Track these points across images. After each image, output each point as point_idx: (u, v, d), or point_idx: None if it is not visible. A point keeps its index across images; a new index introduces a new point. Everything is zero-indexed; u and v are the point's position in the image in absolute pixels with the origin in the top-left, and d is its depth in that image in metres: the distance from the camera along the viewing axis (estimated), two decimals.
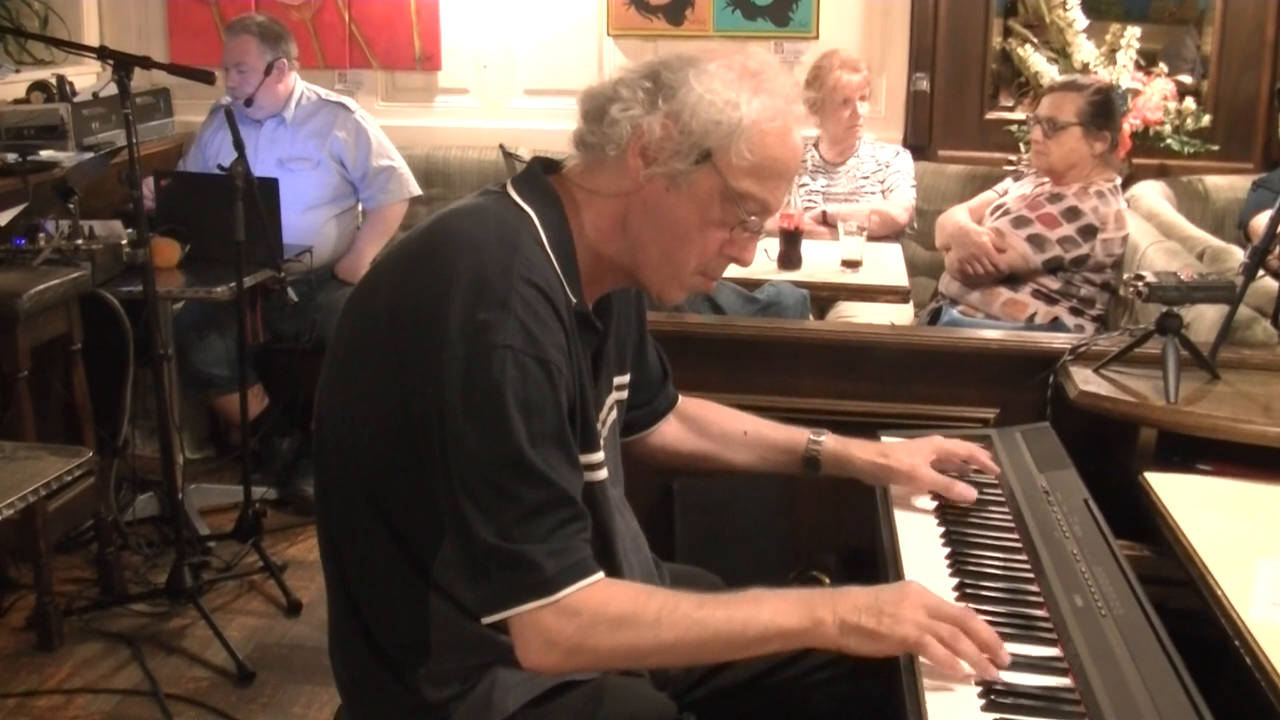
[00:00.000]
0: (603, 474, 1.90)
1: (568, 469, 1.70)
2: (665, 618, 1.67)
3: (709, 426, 2.30)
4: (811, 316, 4.15)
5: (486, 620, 1.67)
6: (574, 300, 1.79)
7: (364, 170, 4.80)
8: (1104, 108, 4.24)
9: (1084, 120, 4.18)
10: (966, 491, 2.16)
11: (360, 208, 4.96)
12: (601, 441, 1.91)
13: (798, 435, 2.27)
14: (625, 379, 2.06)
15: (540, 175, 1.89)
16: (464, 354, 1.64)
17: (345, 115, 4.81)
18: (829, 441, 2.26)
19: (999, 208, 4.43)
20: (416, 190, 4.98)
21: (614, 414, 2.01)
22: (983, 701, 1.58)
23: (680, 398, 2.30)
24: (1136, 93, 5.22)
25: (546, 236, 1.78)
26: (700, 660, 1.88)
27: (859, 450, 2.25)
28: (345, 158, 4.77)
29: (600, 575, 1.68)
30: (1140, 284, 2.69)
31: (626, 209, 1.83)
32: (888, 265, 4.46)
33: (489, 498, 1.63)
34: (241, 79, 4.61)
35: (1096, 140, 4.20)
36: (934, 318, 4.41)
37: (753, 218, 1.82)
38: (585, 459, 1.82)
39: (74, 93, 5.14)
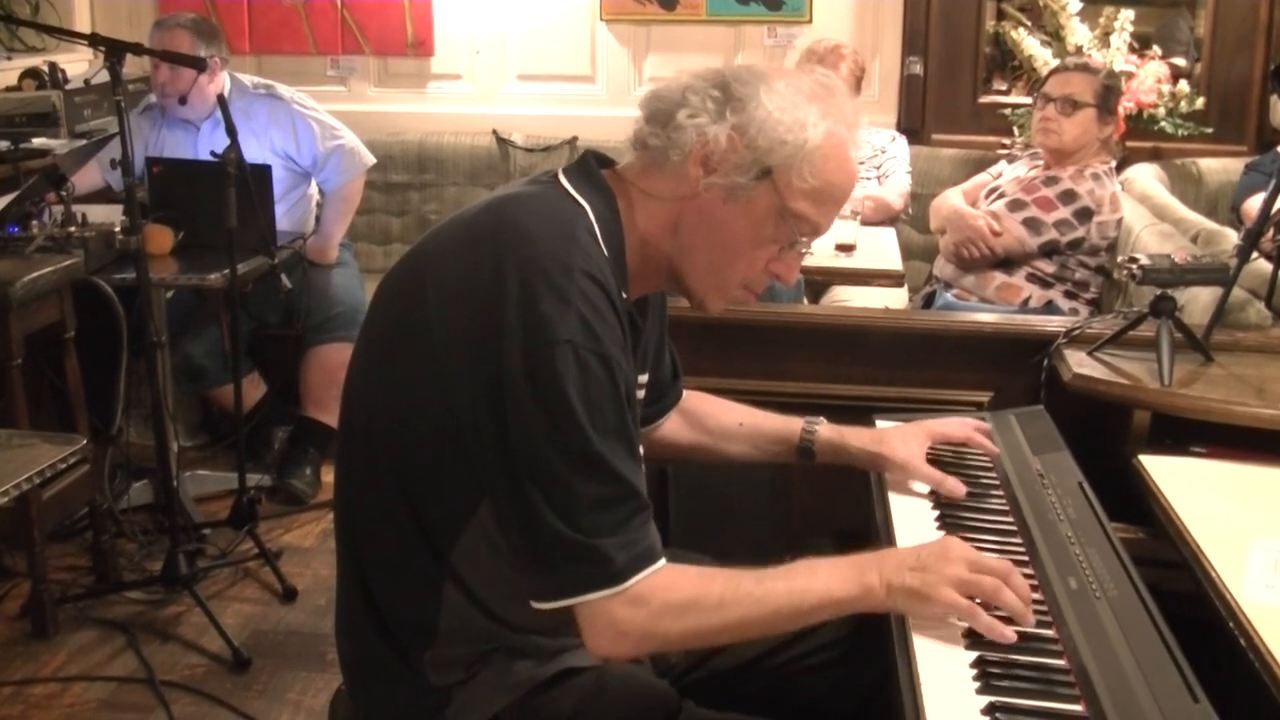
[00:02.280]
0: (641, 468, 1.90)
1: (630, 460, 1.70)
2: (728, 598, 1.69)
3: (705, 419, 2.30)
4: (806, 301, 4.15)
5: (546, 606, 1.68)
6: (624, 296, 1.78)
7: (314, 157, 4.70)
8: (1114, 92, 4.25)
9: (1099, 102, 4.19)
10: (956, 487, 2.16)
11: (316, 188, 4.89)
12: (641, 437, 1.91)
13: (792, 425, 2.27)
14: (645, 379, 2.07)
15: (594, 168, 1.88)
16: (524, 347, 1.63)
17: (279, 108, 4.67)
18: (824, 430, 2.26)
19: (994, 190, 4.43)
20: (371, 160, 4.86)
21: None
22: (978, 684, 1.59)
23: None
24: (1130, 75, 5.21)
25: (599, 230, 1.77)
26: (763, 634, 1.88)
27: (854, 438, 2.25)
28: (289, 152, 4.67)
29: (664, 561, 1.69)
30: (1134, 266, 2.69)
31: (680, 214, 1.83)
32: (882, 249, 4.46)
33: (558, 489, 1.63)
34: (174, 75, 4.43)
35: (1105, 125, 4.22)
36: (928, 302, 4.42)
37: (803, 239, 1.83)
38: None
39: (66, 80, 5.12)
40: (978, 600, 1.69)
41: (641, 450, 1.89)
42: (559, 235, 1.72)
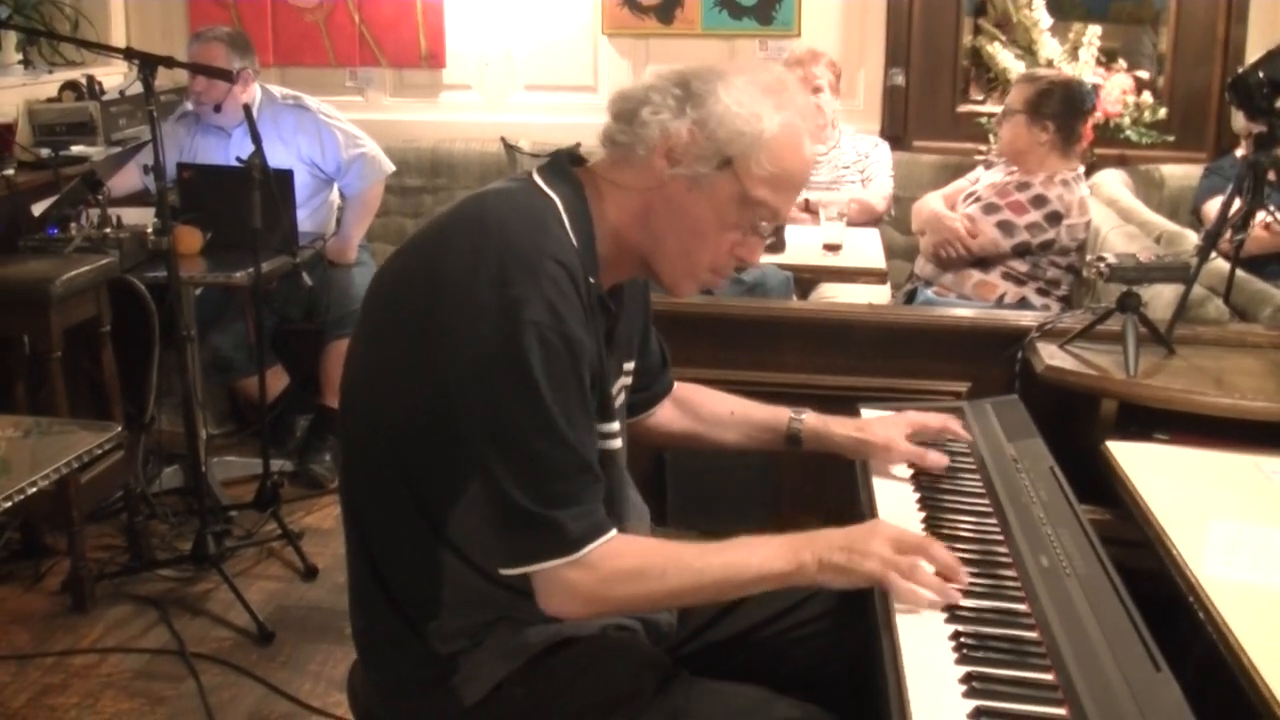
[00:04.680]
0: (617, 443, 1.92)
1: (589, 436, 1.73)
2: (671, 569, 1.74)
3: (698, 408, 2.30)
4: (795, 297, 4.15)
5: (507, 572, 1.71)
6: (591, 281, 1.79)
7: (337, 164, 4.71)
8: (1053, 99, 4.20)
9: (1027, 109, 4.19)
10: (938, 459, 2.16)
11: (337, 192, 4.89)
12: (616, 414, 1.92)
13: (780, 414, 2.27)
14: (632, 365, 2.07)
15: (566, 165, 1.90)
16: (494, 328, 1.65)
17: (305, 117, 4.68)
18: (810, 419, 2.25)
19: (971, 194, 4.43)
20: (390, 168, 4.88)
21: (622, 397, 2.01)
22: (955, 655, 1.59)
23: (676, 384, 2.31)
24: (1098, 87, 5.21)
25: (569, 220, 1.79)
26: (703, 602, 1.96)
27: (838, 426, 2.25)
28: (314, 158, 4.68)
29: (614, 532, 1.73)
30: (1102, 265, 2.69)
31: (648, 204, 1.83)
32: (866, 249, 4.47)
33: (520, 463, 1.66)
34: (209, 85, 4.44)
35: (1039, 129, 4.18)
36: (910, 298, 4.42)
37: (764, 223, 1.84)
38: (602, 428, 1.85)
39: (102, 91, 5.12)
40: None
41: (616, 426, 1.91)
42: (530, 224, 1.74)
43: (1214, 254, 2.94)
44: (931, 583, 1.71)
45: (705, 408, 2.30)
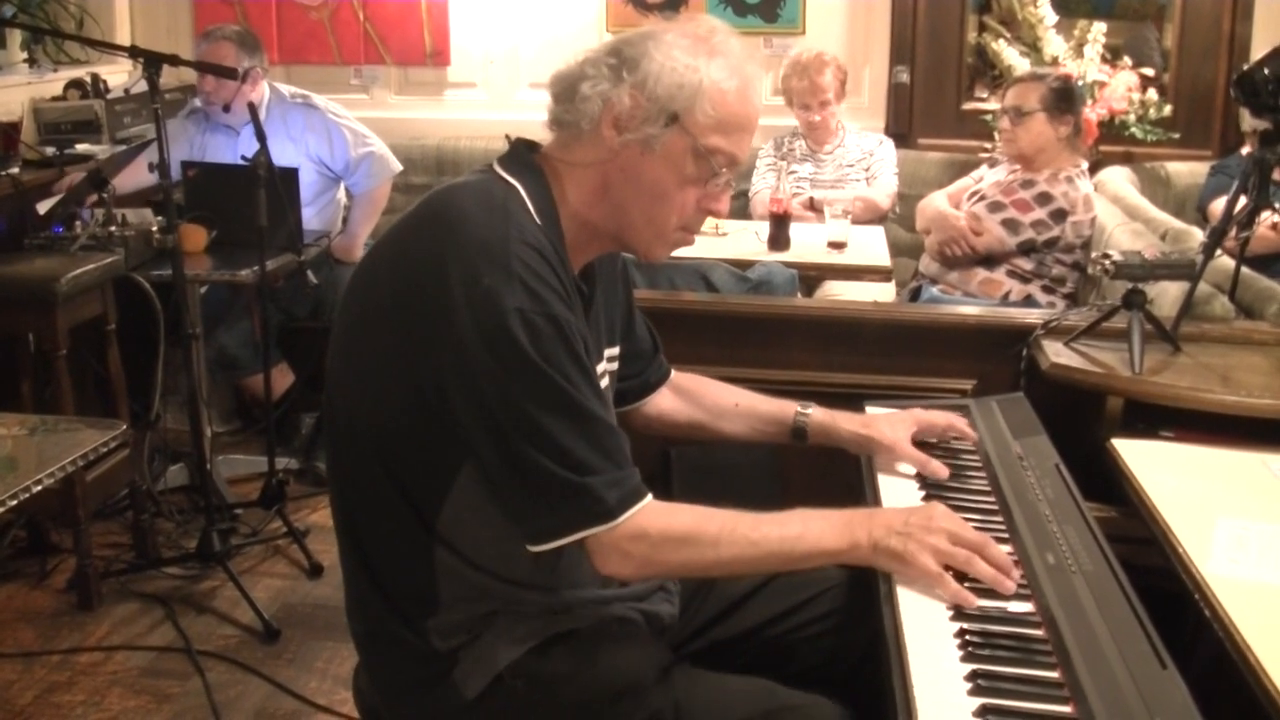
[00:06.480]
0: (611, 409, 1.91)
1: (598, 400, 1.74)
2: (724, 538, 1.76)
3: (701, 398, 2.30)
4: (800, 294, 4.15)
5: (542, 548, 1.71)
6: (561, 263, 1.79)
7: (345, 162, 4.72)
8: (1065, 94, 4.23)
9: (1047, 106, 4.18)
10: (939, 469, 2.15)
11: (344, 191, 4.90)
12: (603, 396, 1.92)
13: (786, 408, 2.27)
14: (615, 351, 2.07)
15: (524, 152, 1.91)
16: (476, 320, 1.65)
17: (314, 115, 4.69)
18: (815, 413, 2.25)
19: (976, 193, 4.43)
20: (398, 167, 4.89)
21: (606, 382, 2.00)
22: (961, 653, 1.59)
23: (674, 372, 2.30)
24: (1102, 84, 5.22)
25: (532, 205, 1.79)
26: (754, 573, 2.02)
27: (844, 422, 2.25)
28: (323, 157, 4.69)
29: (650, 496, 1.75)
30: (1108, 262, 2.69)
31: (605, 177, 1.84)
32: (871, 247, 4.48)
33: (543, 437, 1.66)
34: (218, 84, 4.45)
35: (1060, 124, 4.20)
36: (915, 296, 4.42)
37: (724, 170, 1.84)
38: None
39: (107, 90, 5.14)
40: (951, 571, 1.73)
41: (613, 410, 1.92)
42: (493, 211, 1.74)
43: (1219, 251, 2.93)
44: (986, 574, 1.72)
45: (709, 398, 2.30)
